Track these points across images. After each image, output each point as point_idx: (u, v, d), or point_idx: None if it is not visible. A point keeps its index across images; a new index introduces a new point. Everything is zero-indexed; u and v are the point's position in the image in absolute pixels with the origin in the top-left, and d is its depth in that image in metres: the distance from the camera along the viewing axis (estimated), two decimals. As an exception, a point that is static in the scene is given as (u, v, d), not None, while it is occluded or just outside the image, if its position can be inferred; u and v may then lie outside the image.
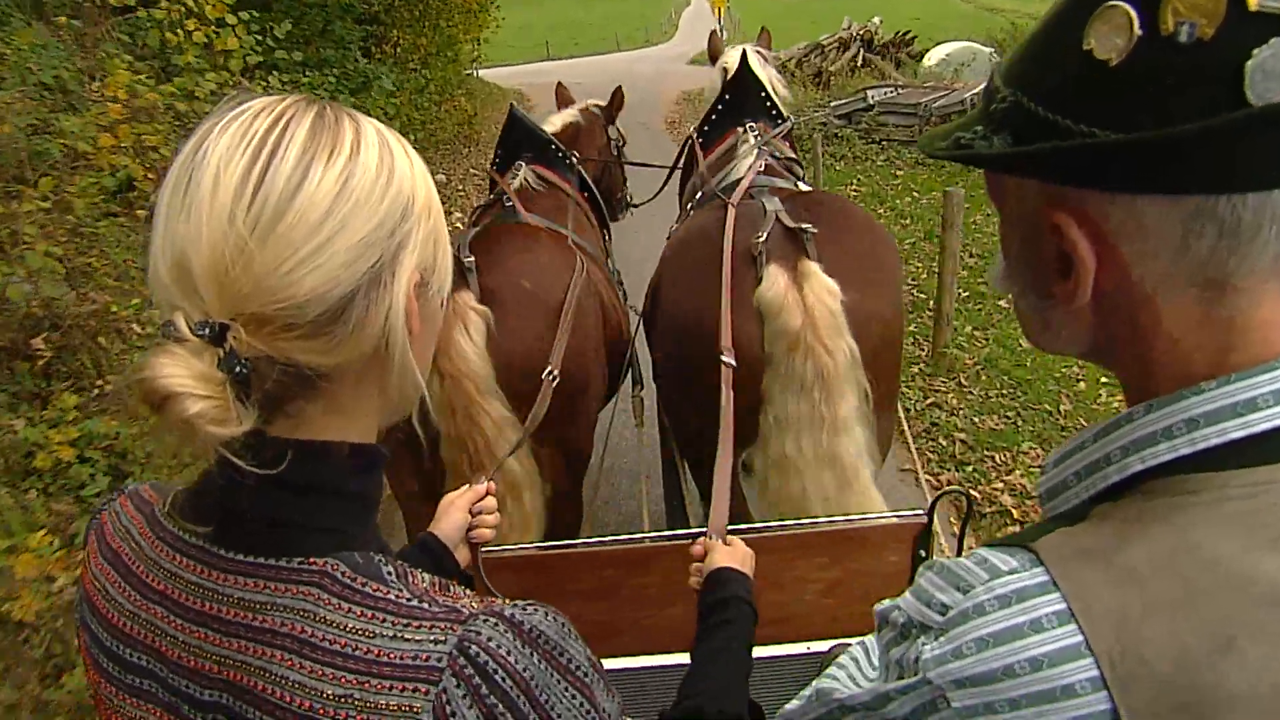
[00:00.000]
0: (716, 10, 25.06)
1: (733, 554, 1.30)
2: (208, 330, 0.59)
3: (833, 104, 11.13)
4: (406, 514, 2.44)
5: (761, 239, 2.15)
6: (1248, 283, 0.55)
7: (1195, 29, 0.50)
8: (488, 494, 1.36)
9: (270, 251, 0.61)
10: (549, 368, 2.10)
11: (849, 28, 17.22)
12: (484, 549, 1.36)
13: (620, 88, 4.06)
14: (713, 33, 4.35)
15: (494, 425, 2.13)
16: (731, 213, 2.31)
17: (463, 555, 1.30)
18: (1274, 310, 0.56)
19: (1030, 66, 0.59)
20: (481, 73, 24.05)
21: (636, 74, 22.14)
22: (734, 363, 1.97)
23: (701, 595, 1.25)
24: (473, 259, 2.21)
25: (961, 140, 0.62)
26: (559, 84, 4.16)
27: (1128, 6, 0.52)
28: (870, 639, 0.91)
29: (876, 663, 0.83)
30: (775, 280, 2.10)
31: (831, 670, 0.90)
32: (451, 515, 1.31)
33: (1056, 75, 0.57)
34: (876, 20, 17.67)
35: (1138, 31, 0.52)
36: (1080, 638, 0.52)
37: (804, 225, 2.16)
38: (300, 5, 8.21)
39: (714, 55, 3.85)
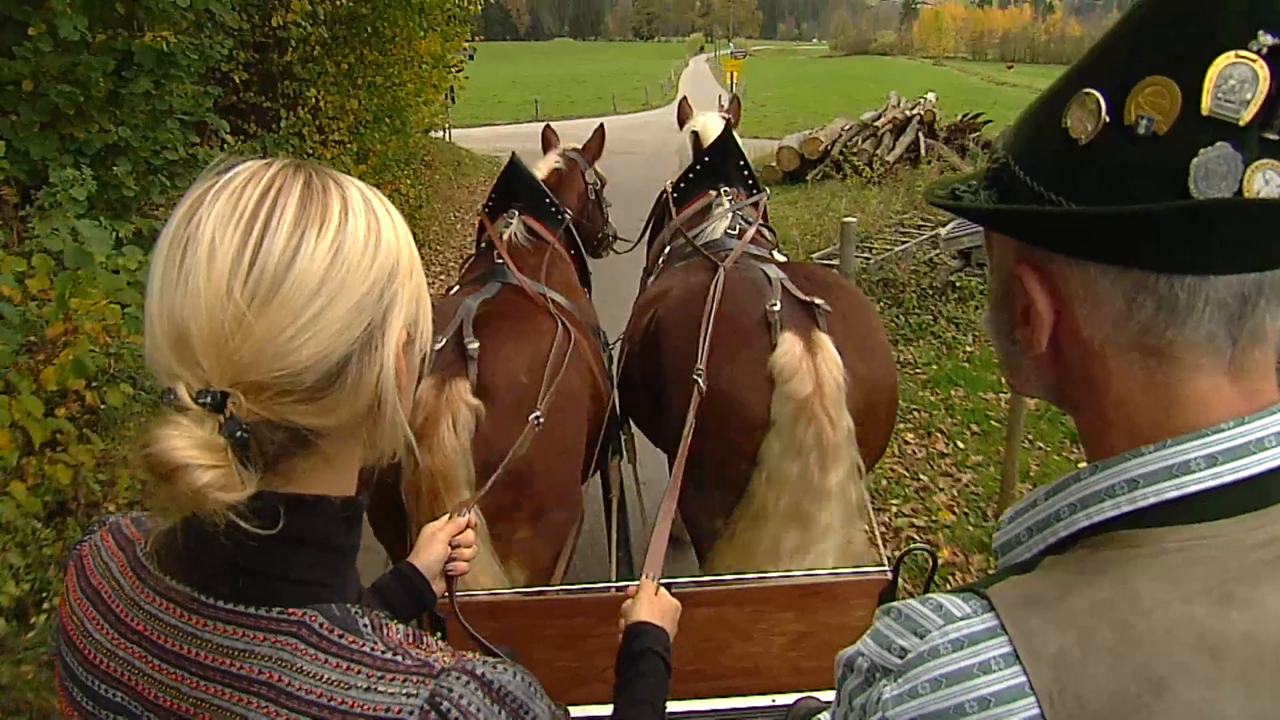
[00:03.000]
0: (729, 74, 22.80)
1: (653, 606, 1.32)
2: (209, 399, 0.62)
3: (945, 231, 7.50)
4: (384, 544, 2.29)
5: (776, 307, 2.22)
6: (1185, 354, 0.60)
7: (1153, 124, 0.56)
8: (468, 526, 1.39)
9: (268, 322, 0.63)
10: (535, 413, 2.09)
11: (898, 105, 13.96)
12: (458, 595, 1.42)
13: (602, 126, 3.96)
14: (683, 99, 4.25)
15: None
16: (721, 275, 2.44)
17: (439, 587, 1.34)
18: (1209, 383, 0.61)
19: (1021, 135, 0.67)
20: (457, 134, 21.07)
21: (637, 141, 18.97)
22: (704, 387, 2.14)
23: (621, 646, 1.27)
24: (476, 345, 2.16)
25: (956, 191, 0.71)
26: (547, 126, 4.07)
27: (1099, 95, 0.59)
28: (825, 717, 0.96)
29: None
30: (791, 347, 2.17)
31: None
32: (433, 547, 1.34)
33: (1039, 146, 0.64)
34: (931, 97, 14.43)
35: (1105, 118, 0.58)
36: (1024, 678, 0.56)
37: (817, 300, 2.25)
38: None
39: (682, 120, 3.88)
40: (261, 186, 0.66)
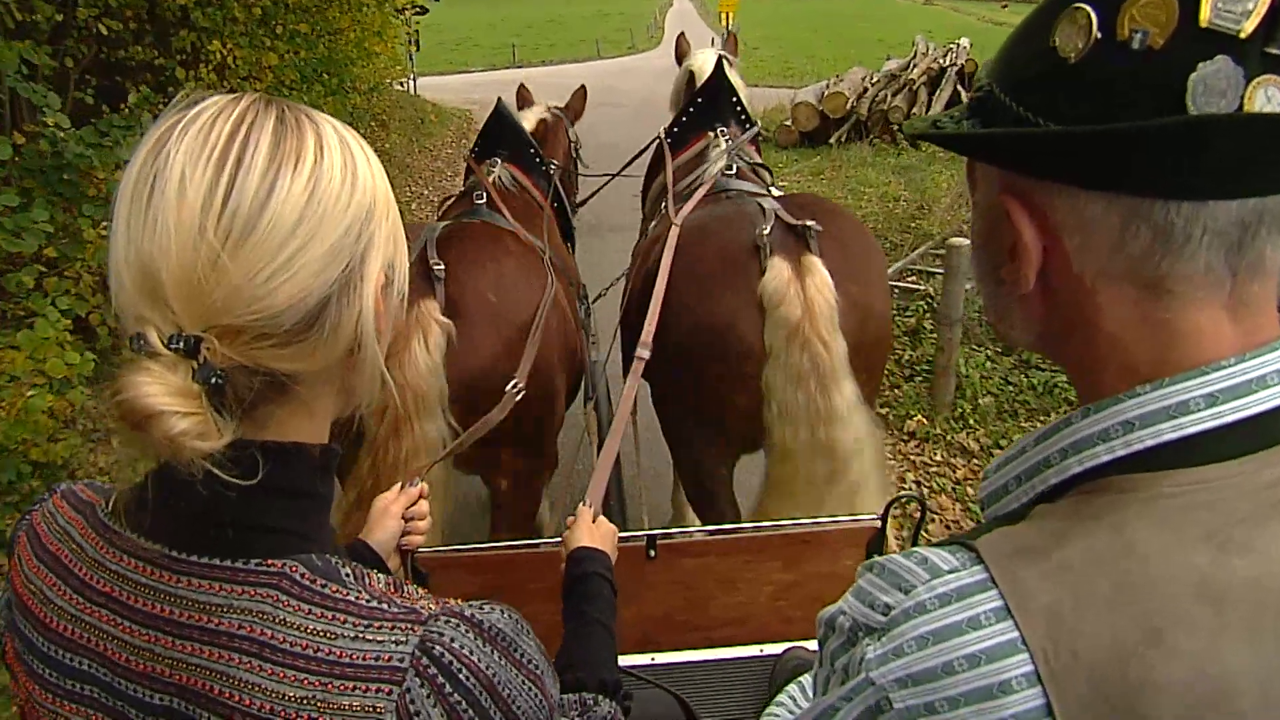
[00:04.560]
0: (724, 14, 20.77)
1: (593, 533, 1.33)
2: (181, 344, 0.59)
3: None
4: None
5: (766, 231, 2.18)
6: (1181, 287, 0.57)
7: (1147, 37, 0.53)
8: (420, 497, 1.32)
9: (243, 263, 0.60)
10: (514, 380, 2.05)
11: (929, 52, 11.99)
12: (442, 550, 1.49)
13: (583, 86, 3.93)
14: (680, 35, 4.19)
15: (413, 444, 2.04)
16: (674, 232, 2.40)
17: (394, 563, 1.27)
18: (1207, 317, 0.57)
19: (1005, 60, 0.62)
20: (424, 84, 18.84)
21: (624, 92, 16.86)
22: (647, 355, 2.06)
23: (565, 572, 1.27)
24: (441, 266, 2.15)
25: (937, 123, 0.67)
26: (521, 85, 3.96)
27: (1090, 10, 0.55)
28: (806, 679, 1.01)
29: (813, 693, 0.76)
30: (779, 272, 2.12)
31: (771, 710, 1.01)
32: (385, 523, 1.27)
33: (1024, 68, 0.60)
34: (965, 42, 12.45)
35: (1096, 33, 0.55)
36: (1016, 633, 0.53)
37: (807, 222, 2.19)
38: None
39: (680, 57, 3.88)
40: (232, 121, 0.63)
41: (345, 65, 8.53)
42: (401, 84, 16.18)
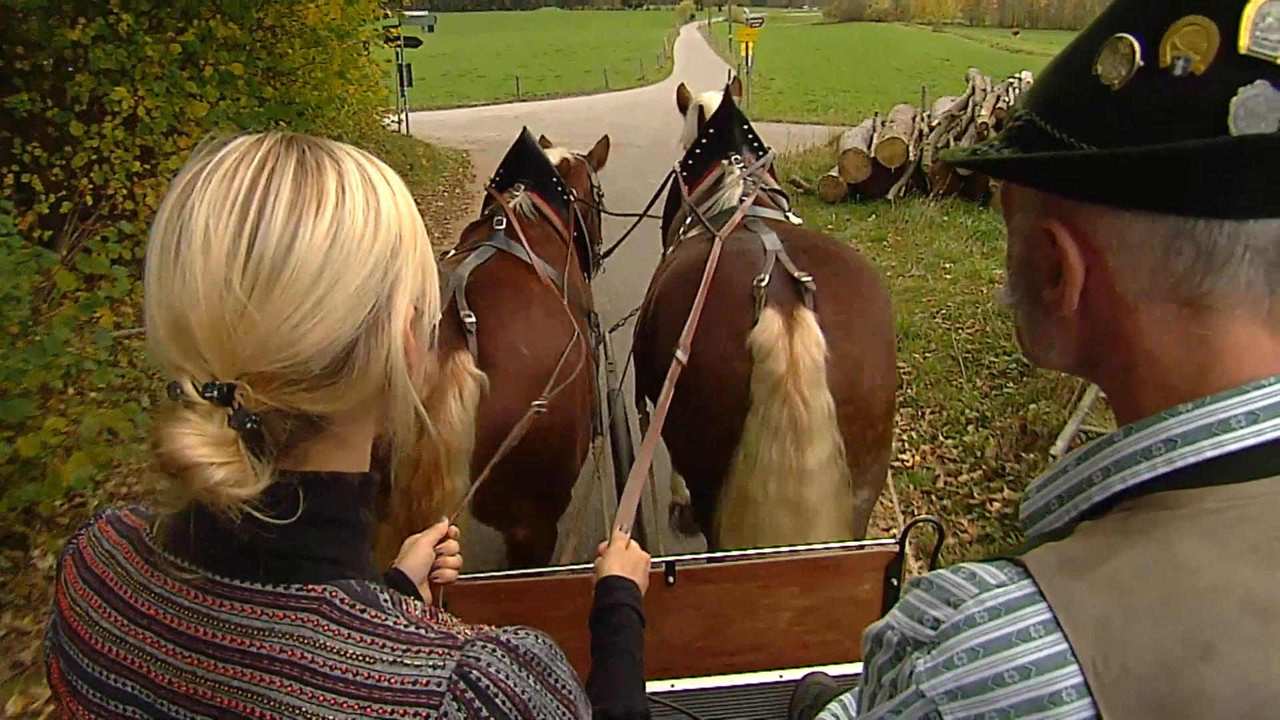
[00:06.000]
0: (744, 45, 19.59)
1: (624, 560, 1.32)
2: (216, 393, 0.60)
3: None
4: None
5: (764, 282, 2.16)
6: (1222, 305, 0.58)
7: (1189, 64, 0.54)
8: (448, 536, 1.36)
9: (270, 312, 0.61)
10: (538, 401, 2.11)
11: (989, 89, 10.39)
12: (462, 577, 1.45)
13: (607, 137, 3.93)
14: (681, 85, 4.12)
15: (445, 498, 2.07)
16: (718, 246, 2.37)
17: (425, 594, 1.29)
18: (1248, 335, 0.58)
19: (1045, 90, 0.64)
20: (420, 119, 17.38)
21: (637, 129, 15.28)
22: (684, 359, 2.12)
23: (594, 601, 1.27)
24: (473, 319, 2.16)
25: (978, 150, 0.70)
26: (541, 136, 3.68)
27: (1133, 39, 0.57)
28: (848, 698, 1.00)
29: (856, 711, 0.78)
30: (770, 324, 2.12)
31: None
32: (416, 553, 1.30)
33: (1066, 97, 0.62)
34: (1027, 75, 10.85)
35: (1139, 61, 0.56)
36: (1065, 645, 0.53)
37: (805, 276, 2.17)
38: None
39: (683, 105, 3.87)
40: (254, 168, 0.64)
41: (305, 111, 6.93)
42: (396, 121, 14.73)
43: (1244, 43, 0.53)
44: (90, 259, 3.88)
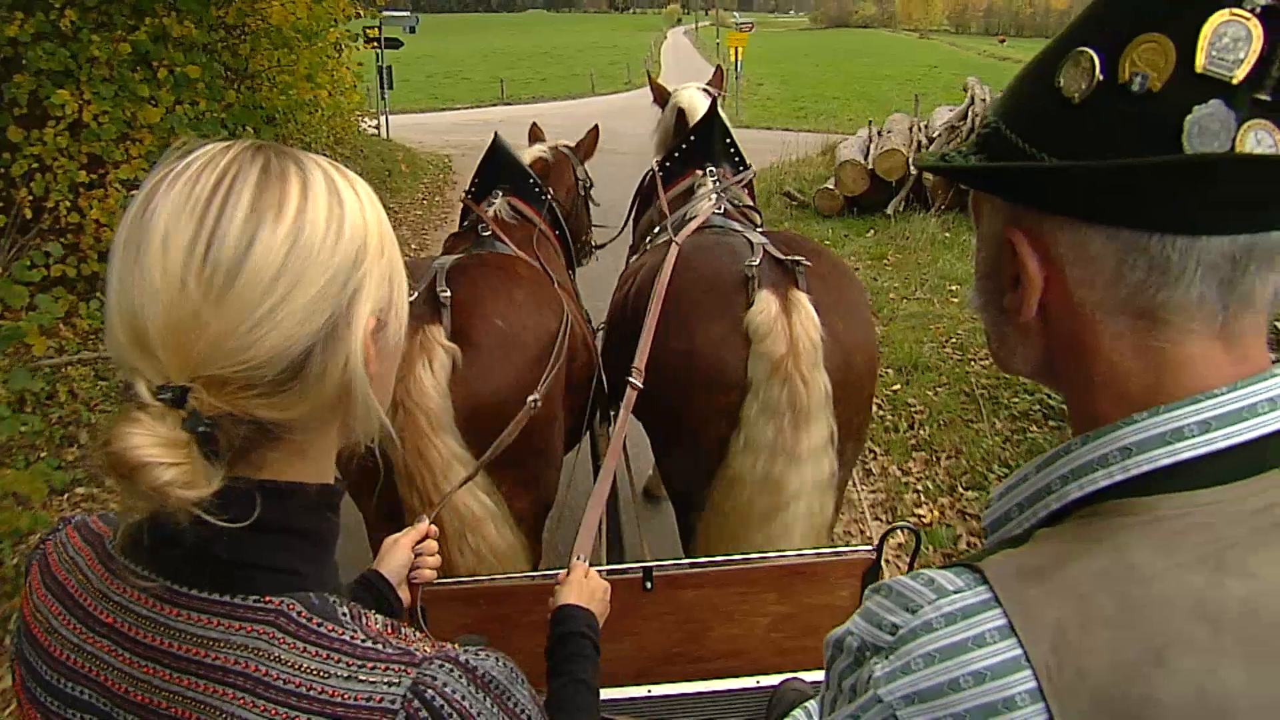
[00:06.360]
0: (733, 50, 19.29)
1: (581, 589, 1.31)
2: (169, 395, 0.60)
3: None
4: (372, 539, 2.19)
5: (755, 264, 2.15)
6: (1177, 318, 0.59)
7: (1147, 80, 0.55)
8: (428, 536, 1.33)
9: (225, 315, 0.61)
10: (533, 395, 2.08)
11: (988, 99, 10.03)
12: (435, 582, 1.37)
13: (596, 126, 3.80)
14: (651, 78, 4.14)
15: (442, 461, 2.04)
16: (674, 250, 2.35)
17: (404, 594, 1.29)
18: (1201, 347, 0.59)
19: (1013, 99, 0.65)
20: (402, 122, 16.88)
21: (623, 135, 14.84)
22: (640, 385, 2.02)
23: (550, 628, 1.27)
24: (448, 294, 2.14)
25: (946, 156, 0.70)
26: (534, 125, 3.87)
27: (1094, 53, 0.58)
28: (813, 704, 1.00)
29: (818, 716, 0.79)
30: (768, 305, 2.09)
31: None
32: (395, 554, 1.29)
33: (1030, 108, 0.63)
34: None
35: (1099, 76, 0.57)
36: (1020, 651, 0.54)
37: (796, 258, 2.16)
38: None
39: (660, 98, 3.79)
40: (217, 173, 0.64)
41: (274, 116, 6.45)
42: (376, 125, 14.22)
43: (1200, 62, 0.54)
44: (9, 286, 3.43)
